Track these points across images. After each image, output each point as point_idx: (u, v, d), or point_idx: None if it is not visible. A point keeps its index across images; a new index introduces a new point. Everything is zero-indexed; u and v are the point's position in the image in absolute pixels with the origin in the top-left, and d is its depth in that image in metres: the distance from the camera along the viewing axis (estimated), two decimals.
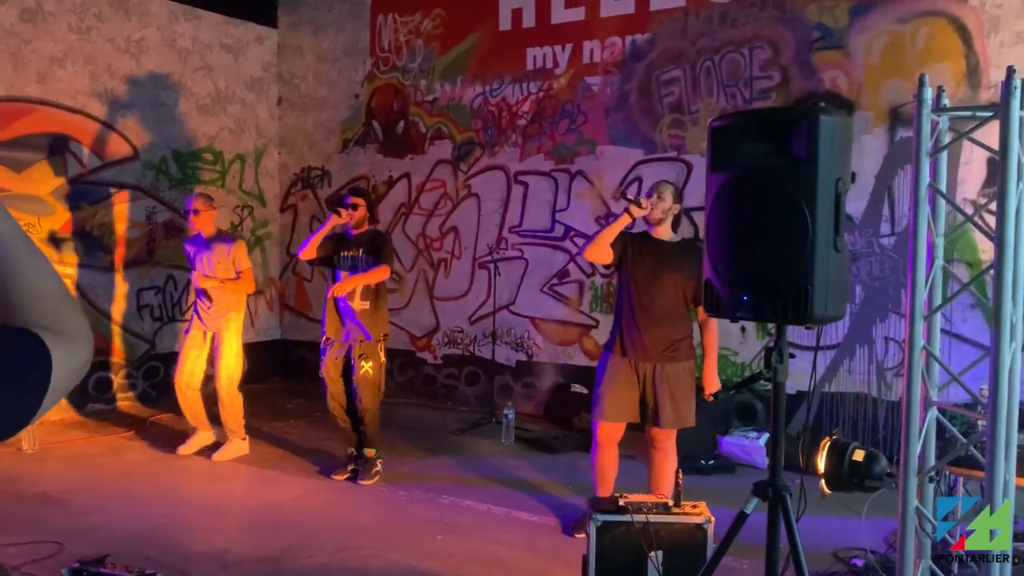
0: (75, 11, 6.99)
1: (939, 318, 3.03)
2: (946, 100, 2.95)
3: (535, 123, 7.28)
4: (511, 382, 7.45)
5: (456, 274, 7.78)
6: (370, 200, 5.36)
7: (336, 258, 5.23)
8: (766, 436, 5.72)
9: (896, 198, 5.78)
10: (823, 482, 3.11)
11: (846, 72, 5.94)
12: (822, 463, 3.09)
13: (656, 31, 6.66)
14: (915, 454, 2.89)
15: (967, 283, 3.11)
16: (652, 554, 3.29)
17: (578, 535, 4.12)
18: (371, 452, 5.32)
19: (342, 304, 5.19)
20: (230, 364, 5.73)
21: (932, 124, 2.89)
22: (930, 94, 2.86)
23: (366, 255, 5.18)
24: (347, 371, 5.26)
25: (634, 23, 6.76)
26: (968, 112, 3.09)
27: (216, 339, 5.71)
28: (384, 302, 5.33)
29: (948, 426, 2.94)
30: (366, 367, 5.16)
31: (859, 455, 3.06)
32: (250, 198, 8.60)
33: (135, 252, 7.50)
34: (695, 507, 3.39)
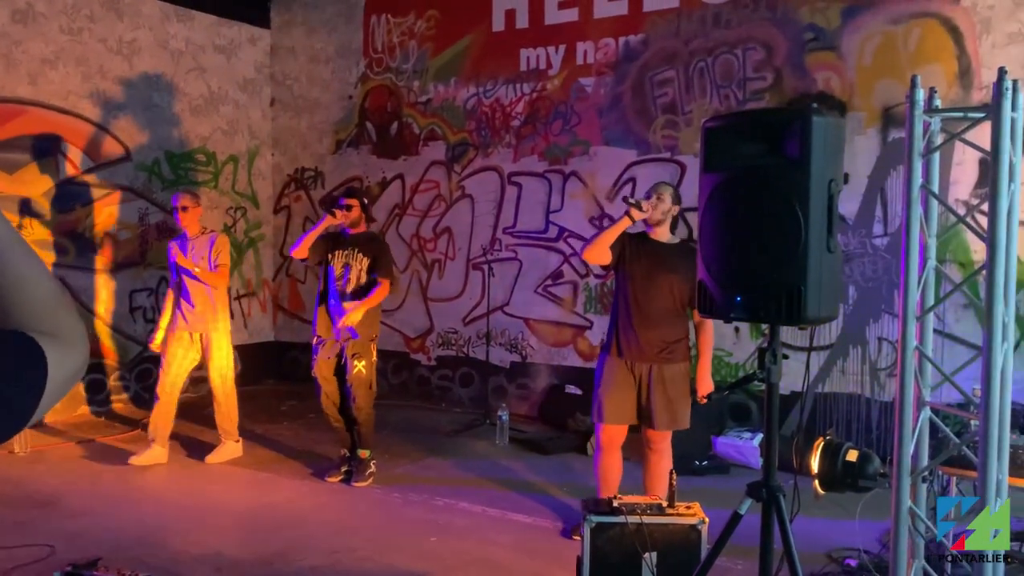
0: (67, 12, 6.96)
1: (932, 318, 3.04)
2: (938, 101, 2.96)
3: (529, 124, 7.29)
4: (505, 383, 7.45)
5: (450, 275, 7.78)
6: (363, 201, 5.37)
7: (331, 257, 5.24)
8: (760, 437, 5.73)
9: (889, 199, 5.80)
10: (817, 482, 3.12)
11: (839, 73, 5.96)
12: (816, 463, 3.10)
13: (649, 32, 6.67)
14: (908, 454, 2.90)
15: (959, 284, 3.12)
16: (646, 555, 3.29)
17: (576, 537, 4.12)
18: (365, 453, 5.32)
19: (334, 305, 5.19)
20: (222, 364, 5.71)
21: (924, 125, 2.90)
22: (922, 95, 2.87)
23: (362, 256, 5.18)
24: (340, 371, 5.25)
25: (627, 24, 6.76)
26: (960, 113, 3.11)
27: (204, 340, 5.68)
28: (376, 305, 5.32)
29: (941, 426, 2.95)
30: (359, 366, 5.16)
31: (852, 455, 3.07)
32: (243, 199, 8.58)
33: (127, 254, 7.47)
34: (689, 508, 3.39)
